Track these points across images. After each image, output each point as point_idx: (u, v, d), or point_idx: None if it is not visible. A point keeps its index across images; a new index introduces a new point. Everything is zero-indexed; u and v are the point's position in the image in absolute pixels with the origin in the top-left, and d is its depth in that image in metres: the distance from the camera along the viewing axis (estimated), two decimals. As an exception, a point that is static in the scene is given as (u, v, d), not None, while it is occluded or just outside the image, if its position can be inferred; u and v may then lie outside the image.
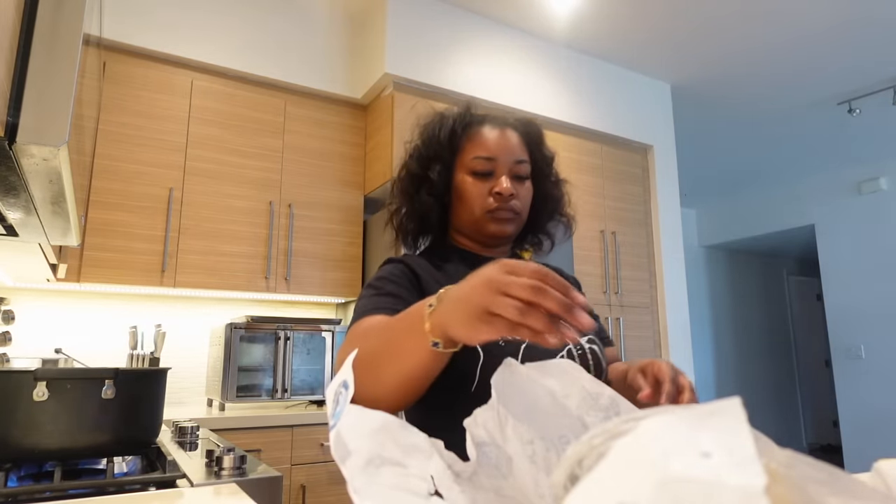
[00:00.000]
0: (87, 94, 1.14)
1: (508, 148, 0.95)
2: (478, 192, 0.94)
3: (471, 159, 0.95)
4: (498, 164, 0.94)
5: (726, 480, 0.24)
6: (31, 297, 2.41)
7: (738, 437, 0.26)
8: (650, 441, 0.27)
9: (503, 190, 0.92)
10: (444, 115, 1.01)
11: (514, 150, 0.95)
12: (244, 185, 2.60)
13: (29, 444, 1.04)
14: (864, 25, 2.92)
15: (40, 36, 0.72)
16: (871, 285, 4.73)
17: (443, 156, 0.97)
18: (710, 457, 0.25)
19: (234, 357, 2.34)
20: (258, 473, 1.14)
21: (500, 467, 0.45)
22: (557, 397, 0.49)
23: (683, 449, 0.26)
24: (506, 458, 0.45)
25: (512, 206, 0.94)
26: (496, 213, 0.94)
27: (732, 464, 0.25)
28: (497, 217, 0.94)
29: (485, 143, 0.96)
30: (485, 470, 0.45)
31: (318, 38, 2.89)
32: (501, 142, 0.95)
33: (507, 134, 0.97)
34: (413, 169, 1.01)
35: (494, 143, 0.95)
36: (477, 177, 0.95)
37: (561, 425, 0.47)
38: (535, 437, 0.45)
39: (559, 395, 0.49)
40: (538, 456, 0.44)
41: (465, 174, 0.96)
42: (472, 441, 0.46)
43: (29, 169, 0.77)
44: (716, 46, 3.13)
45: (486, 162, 0.94)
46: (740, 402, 0.28)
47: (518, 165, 0.95)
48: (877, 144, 4.48)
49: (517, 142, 0.97)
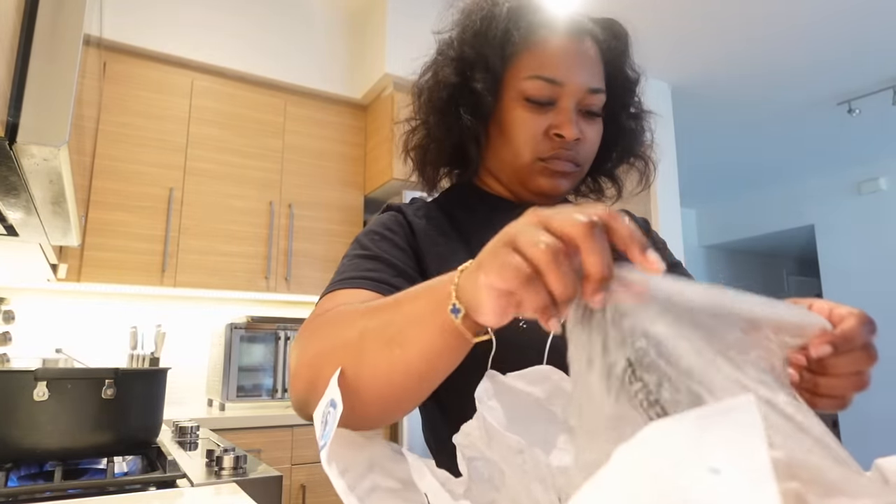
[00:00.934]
0: (88, 94, 1.14)
1: (583, 69, 0.68)
2: (530, 127, 0.68)
3: (526, 78, 0.67)
4: (564, 92, 0.67)
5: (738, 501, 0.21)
6: (31, 297, 2.41)
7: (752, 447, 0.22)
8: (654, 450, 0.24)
9: (567, 133, 0.66)
10: (496, 2, 0.72)
11: (590, 73, 0.68)
12: (244, 185, 2.60)
13: (29, 444, 1.04)
14: (863, 25, 2.92)
15: (40, 36, 0.72)
16: (871, 285, 4.73)
17: (491, 62, 0.69)
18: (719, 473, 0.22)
19: (234, 357, 2.34)
20: (258, 473, 1.14)
21: (493, 480, 0.45)
22: (543, 404, 0.48)
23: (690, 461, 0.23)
24: (497, 470, 0.45)
25: (574, 155, 0.69)
26: (551, 162, 0.68)
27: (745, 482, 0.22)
28: (551, 168, 0.69)
29: (550, 58, 0.67)
30: (477, 485, 0.45)
31: (318, 38, 2.89)
32: (575, 59, 0.68)
33: (580, 45, 0.68)
34: (446, 75, 0.72)
35: (564, 60, 0.67)
36: (531, 105, 0.68)
37: (549, 432, 0.47)
38: (524, 447, 0.45)
39: (544, 402, 0.48)
40: (528, 465, 0.44)
41: (516, 98, 0.68)
42: (462, 456, 0.46)
43: (29, 169, 0.77)
44: (716, 46, 3.13)
45: (549, 86, 0.67)
46: (754, 401, 0.24)
47: (591, 96, 0.68)
48: (876, 144, 4.48)
49: (594, 59, 0.70)
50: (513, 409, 0.47)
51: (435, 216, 0.72)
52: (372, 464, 0.44)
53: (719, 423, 0.24)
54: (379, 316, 0.47)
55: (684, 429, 0.24)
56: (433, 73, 0.75)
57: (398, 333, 0.44)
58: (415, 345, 0.43)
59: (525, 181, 0.71)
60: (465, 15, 0.73)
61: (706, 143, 4.43)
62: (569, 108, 0.67)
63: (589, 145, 0.70)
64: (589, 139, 0.70)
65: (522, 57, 0.69)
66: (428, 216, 0.72)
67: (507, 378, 0.49)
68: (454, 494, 0.43)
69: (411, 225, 0.70)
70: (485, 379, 0.49)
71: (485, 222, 0.69)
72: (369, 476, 0.43)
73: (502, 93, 0.70)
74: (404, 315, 0.44)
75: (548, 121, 0.68)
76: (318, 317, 0.55)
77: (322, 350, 0.50)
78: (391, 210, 0.73)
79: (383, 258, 0.64)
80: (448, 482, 0.45)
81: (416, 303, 0.44)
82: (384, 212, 0.73)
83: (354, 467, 0.43)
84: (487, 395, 0.47)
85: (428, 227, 0.70)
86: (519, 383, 0.49)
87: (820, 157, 4.78)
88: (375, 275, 0.62)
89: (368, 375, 0.46)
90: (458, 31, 0.73)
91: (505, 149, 0.71)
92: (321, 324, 0.53)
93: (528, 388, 0.49)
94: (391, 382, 0.45)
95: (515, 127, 0.68)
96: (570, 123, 0.67)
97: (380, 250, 0.66)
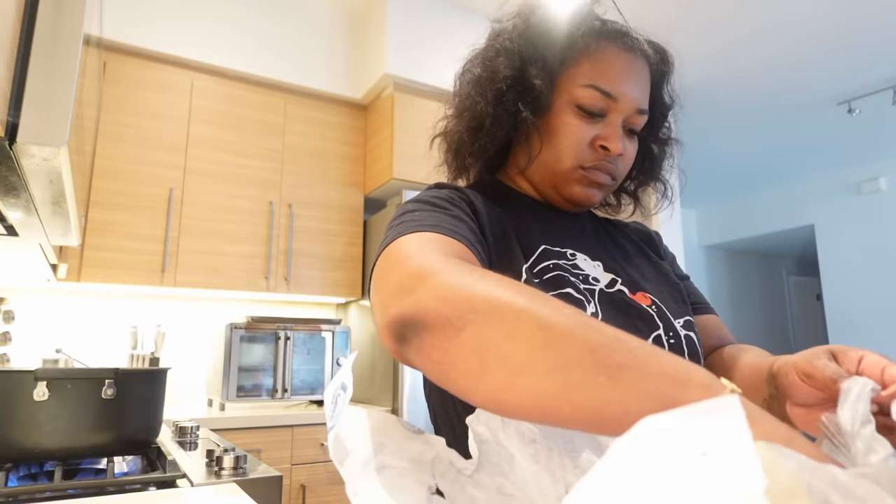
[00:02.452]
0: (87, 94, 1.14)
1: (636, 87, 0.68)
2: (578, 135, 0.67)
3: (582, 86, 0.67)
4: (616, 107, 0.67)
5: (726, 480, 0.24)
6: (31, 297, 2.41)
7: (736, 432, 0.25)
8: (648, 441, 0.27)
9: (613, 147, 0.67)
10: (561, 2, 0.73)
11: (642, 93, 0.69)
12: (244, 185, 2.60)
13: (29, 444, 1.04)
14: (863, 25, 2.92)
15: (40, 36, 0.72)
16: (871, 285, 4.73)
17: (549, 62, 0.68)
18: (708, 456, 0.25)
19: (234, 357, 2.34)
20: (258, 473, 1.14)
21: (502, 465, 0.45)
22: None
23: (681, 448, 0.26)
24: (507, 456, 0.45)
25: (613, 168, 0.69)
26: (591, 172, 0.69)
27: (731, 464, 0.24)
28: (590, 178, 0.69)
29: (608, 71, 0.67)
30: (486, 468, 0.45)
31: (318, 38, 2.89)
32: (631, 76, 0.68)
33: (637, 64, 0.69)
34: (500, 65, 0.70)
35: (621, 76, 0.67)
36: (583, 113, 0.67)
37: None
38: (537, 437, 0.45)
39: None
40: (541, 455, 0.44)
41: (568, 104, 0.68)
42: (473, 438, 0.46)
43: (29, 169, 0.77)
44: (715, 47, 3.13)
45: (603, 98, 0.67)
46: (738, 399, 0.27)
47: (638, 115, 0.69)
48: (876, 145, 4.48)
49: (646, 80, 0.70)
50: None
51: (481, 198, 0.68)
52: (380, 444, 0.44)
53: (706, 415, 0.26)
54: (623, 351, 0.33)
55: (674, 421, 0.27)
56: (484, 62, 0.73)
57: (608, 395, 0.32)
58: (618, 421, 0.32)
59: (560, 186, 0.71)
60: (527, 8, 0.72)
61: (706, 142, 4.43)
62: (617, 122, 0.68)
63: (627, 162, 0.71)
64: (628, 156, 0.70)
65: (581, 64, 0.68)
66: (475, 195, 0.68)
67: None
68: (462, 474, 0.43)
69: (471, 202, 0.66)
70: None
71: (519, 219, 0.69)
72: (377, 457, 0.43)
73: (554, 96, 0.69)
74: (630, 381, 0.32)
75: (595, 131, 0.67)
76: (454, 261, 0.46)
77: (494, 331, 0.37)
78: (445, 188, 0.67)
79: (463, 220, 0.60)
80: (457, 461, 0.45)
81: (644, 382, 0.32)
82: (432, 188, 0.68)
83: (362, 449, 0.43)
84: None
85: (485, 208, 0.67)
86: None
87: (820, 157, 4.78)
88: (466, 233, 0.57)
89: (530, 389, 0.34)
90: (519, 23, 0.72)
91: (547, 151, 0.69)
92: (482, 282, 0.41)
93: None
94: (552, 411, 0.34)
95: (563, 132, 0.68)
96: (616, 138, 0.67)
97: (458, 212, 0.61)
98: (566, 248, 0.68)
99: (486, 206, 0.67)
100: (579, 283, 0.64)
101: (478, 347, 0.38)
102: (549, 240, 0.68)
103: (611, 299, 0.64)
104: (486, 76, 0.72)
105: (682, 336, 0.65)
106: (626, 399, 0.31)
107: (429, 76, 2.77)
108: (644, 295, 0.68)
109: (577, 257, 0.68)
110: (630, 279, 0.69)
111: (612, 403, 0.31)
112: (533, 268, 0.63)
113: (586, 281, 0.65)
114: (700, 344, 0.68)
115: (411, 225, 0.55)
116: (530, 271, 0.63)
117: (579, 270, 0.66)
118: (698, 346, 0.67)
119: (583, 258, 0.68)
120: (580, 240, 0.72)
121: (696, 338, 0.67)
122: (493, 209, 0.68)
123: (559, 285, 0.62)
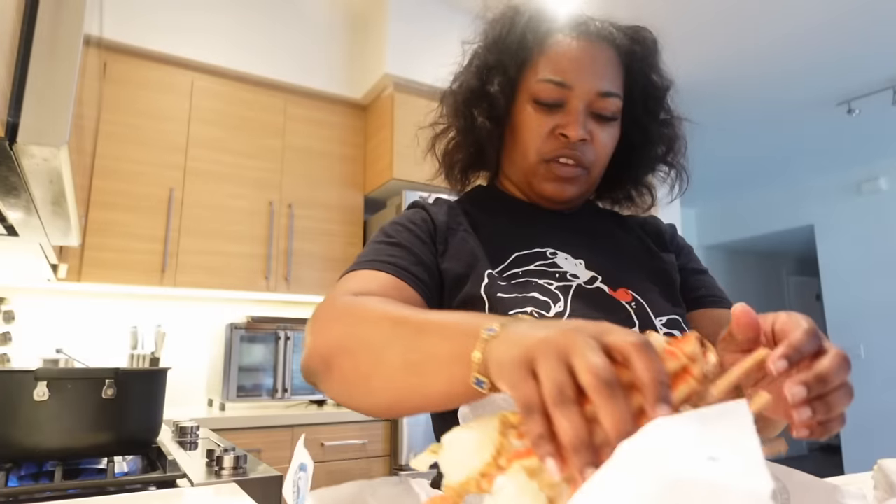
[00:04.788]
0: (88, 94, 1.14)
1: (591, 71, 0.68)
2: (536, 126, 0.69)
3: (537, 82, 0.69)
4: (572, 94, 0.68)
5: (734, 484, 0.24)
6: (31, 297, 2.41)
7: (746, 441, 0.26)
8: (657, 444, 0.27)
9: (572, 133, 0.67)
10: (518, 11, 0.75)
11: (600, 76, 0.68)
12: (244, 185, 2.60)
13: (30, 444, 1.04)
14: (863, 25, 2.92)
15: (40, 36, 0.72)
16: (871, 285, 4.73)
17: (507, 67, 0.72)
18: (717, 461, 0.25)
19: (235, 357, 2.34)
20: (258, 473, 1.14)
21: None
22: None
23: (691, 452, 0.26)
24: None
25: (579, 156, 0.69)
26: (554, 165, 0.69)
27: (740, 467, 0.25)
28: (555, 172, 0.70)
29: (560, 62, 0.69)
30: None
31: (318, 38, 2.89)
32: (582, 61, 0.68)
33: (593, 50, 0.69)
34: (469, 80, 0.76)
35: (573, 64, 0.68)
36: (540, 106, 0.69)
37: None
38: None
39: None
40: None
41: (528, 100, 0.70)
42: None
43: (29, 169, 0.77)
44: (715, 46, 3.13)
45: (557, 88, 0.68)
46: (746, 404, 0.27)
47: (602, 99, 0.68)
48: (876, 145, 4.48)
49: (609, 63, 0.70)
50: None
51: (455, 213, 0.74)
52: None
53: (717, 420, 0.27)
54: (404, 332, 0.46)
55: (685, 425, 0.27)
56: (457, 80, 0.79)
57: (420, 365, 0.43)
58: (434, 384, 0.42)
59: (532, 184, 0.73)
60: (489, 24, 0.77)
61: (706, 142, 4.43)
62: (577, 109, 0.68)
63: (598, 148, 0.70)
64: (599, 142, 0.70)
65: (537, 61, 0.70)
66: (449, 213, 0.74)
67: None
68: None
69: (434, 220, 0.72)
70: None
71: (497, 226, 0.73)
72: None
73: (517, 97, 0.72)
74: (428, 348, 0.43)
75: (555, 121, 0.69)
76: (341, 297, 0.57)
77: (343, 339, 0.51)
78: (416, 207, 0.75)
79: (405, 246, 0.67)
80: None
81: (443, 344, 0.42)
82: (406, 210, 0.76)
83: None
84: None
85: (449, 222, 0.73)
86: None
87: (820, 157, 4.78)
88: (396, 260, 0.65)
89: (381, 386, 0.47)
90: (482, 38, 0.77)
91: (515, 150, 0.73)
92: (346, 308, 0.54)
93: None
94: (401, 400, 0.46)
95: (523, 127, 0.71)
96: (576, 124, 0.67)
97: (402, 238, 0.68)
98: (546, 248, 0.71)
99: (452, 217, 0.73)
100: (553, 282, 0.66)
101: (343, 380, 0.51)
102: (528, 242, 0.71)
103: (587, 295, 0.66)
104: (456, 92, 0.78)
105: (662, 334, 0.63)
106: (437, 356, 0.42)
107: (429, 76, 2.77)
108: (626, 291, 0.68)
109: (558, 256, 0.70)
110: (613, 276, 0.69)
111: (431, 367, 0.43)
112: (503, 273, 0.68)
113: (563, 278, 0.67)
114: None
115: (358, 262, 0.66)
116: (496, 276, 0.66)
117: (557, 269, 0.68)
118: None
119: (563, 256, 0.70)
120: (564, 238, 0.73)
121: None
122: (469, 219, 0.73)
123: (525, 290, 0.65)
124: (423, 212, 0.74)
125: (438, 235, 0.71)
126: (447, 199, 0.78)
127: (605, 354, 0.32)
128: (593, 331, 0.33)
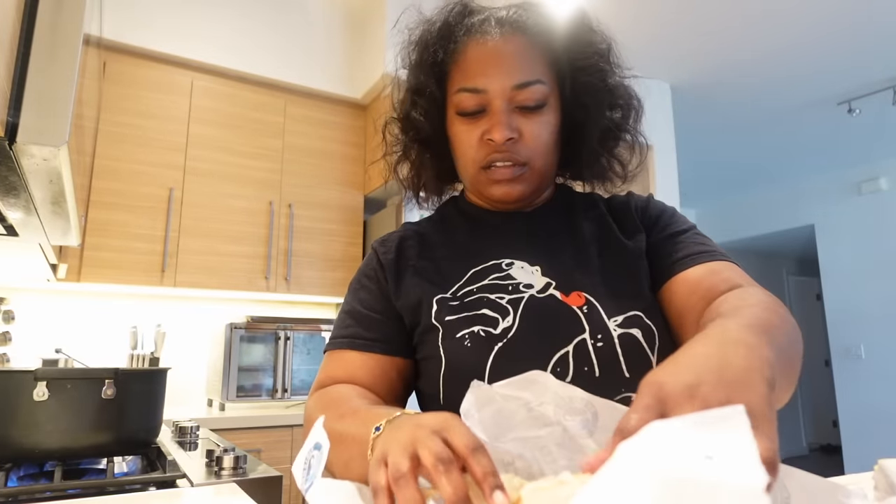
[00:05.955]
0: (87, 94, 1.14)
1: (501, 68, 0.67)
2: (466, 138, 0.69)
3: (455, 94, 0.69)
4: (489, 97, 0.67)
5: (729, 481, 0.25)
6: (31, 297, 2.41)
7: (741, 441, 0.27)
8: (655, 443, 0.28)
9: (495, 136, 0.66)
10: (428, 26, 0.75)
11: (512, 70, 0.66)
12: (244, 185, 2.60)
13: (29, 444, 1.04)
14: (863, 25, 2.92)
15: (40, 36, 0.72)
16: (871, 285, 4.72)
17: (429, 88, 0.72)
18: (713, 459, 0.26)
19: (234, 357, 2.34)
20: (258, 473, 1.14)
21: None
22: (533, 407, 0.48)
23: (688, 451, 0.27)
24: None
25: (513, 155, 0.68)
26: (491, 170, 0.69)
27: (735, 466, 0.25)
28: (493, 177, 0.69)
29: (470, 68, 0.68)
30: None
31: (318, 38, 2.89)
32: (490, 61, 0.67)
33: (499, 47, 0.68)
34: (404, 106, 0.77)
35: (480, 66, 0.67)
36: (465, 117, 0.69)
37: (540, 435, 0.47)
38: (514, 457, 0.45)
39: (534, 405, 0.48)
40: (521, 473, 0.44)
41: (454, 115, 0.70)
42: None
43: (29, 169, 0.77)
44: (716, 46, 3.13)
45: (473, 96, 0.67)
46: (744, 409, 0.28)
47: (521, 91, 0.66)
48: (877, 144, 4.48)
49: (521, 52, 0.68)
50: (502, 419, 0.47)
51: (409, 245, 0.76)
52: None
53: (713, 423, 0.28)
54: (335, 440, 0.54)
55: (682, 426, 0.28)
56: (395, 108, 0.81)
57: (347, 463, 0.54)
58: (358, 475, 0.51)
59: (481, 192, 0.73)
60: (409, 47, 0.77)
61: (706, 143, 4.43)
62: (499, 110, 0.67)
63: (530, 141, 0.68)
64: (529, 135, 0.68)
65: (453, 74, 0.71)
66: (399, 249, 0.76)
67: (492, 388, 0.48)
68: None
69: (383, 265, 0.75)
70: (469, 391, 0.48)
71: (453, 237, 0.76)
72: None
73: (447, 112, 0.73)
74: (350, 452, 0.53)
75: (482, 128, 0.68)
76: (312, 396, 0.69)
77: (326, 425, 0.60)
78: (372, 249, 0.79)
79: (360, 311, 0.73)
80: None
81: (354, 448, 0.52)
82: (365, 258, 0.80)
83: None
84: (474, 407, 0.47)
85: (398, 259, 0.75)
86: (505, 390, 0.49)
87: (820, 157, 4.78)
88: (354, 331, 0.72)
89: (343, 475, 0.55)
90: (406, 63, 0.78)
91: (458, 164, 0.74)
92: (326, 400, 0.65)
93: (515, 394, 0.48)
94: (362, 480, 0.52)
95: (456, 140, 0.72)
96: (499, 126, 0.66)
97: (358, 300, 0.74)
98: (503, 259, 0.71)
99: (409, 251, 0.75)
100: (505, 295, 0.67)
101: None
102: (484, 256, 0.72)
103: (538, 304, 0.66)
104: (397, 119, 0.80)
105: (616, 336, 0.63)
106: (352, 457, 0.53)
107: (429, 76, 2.77)
108: (579, 295, 0.67)
109: (514, 266, 0.71)
110: (568, 279, 0.69)
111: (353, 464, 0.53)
112: (457, 292, 0.70)
113: (516, 290, 0.68)
114: (653, 336, 0.64)
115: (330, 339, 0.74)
116: (448, 298, 0.69)
117: (511, 280, 0.69)
118: (642, 342, 0.63)
119: (520, 266, 0.71)
120: (522, 245, 0.73)
121: (640, 335, 0.64)
122: (424, 245, 0.75)
123: (475, 307, 0.67)
124: (374, 257, 0.76)
125: (389, 277, 0.73)
126: (403, 230, 0.80)
127: (444, 443, 0.39)
128: (436, 427, 0.41)
